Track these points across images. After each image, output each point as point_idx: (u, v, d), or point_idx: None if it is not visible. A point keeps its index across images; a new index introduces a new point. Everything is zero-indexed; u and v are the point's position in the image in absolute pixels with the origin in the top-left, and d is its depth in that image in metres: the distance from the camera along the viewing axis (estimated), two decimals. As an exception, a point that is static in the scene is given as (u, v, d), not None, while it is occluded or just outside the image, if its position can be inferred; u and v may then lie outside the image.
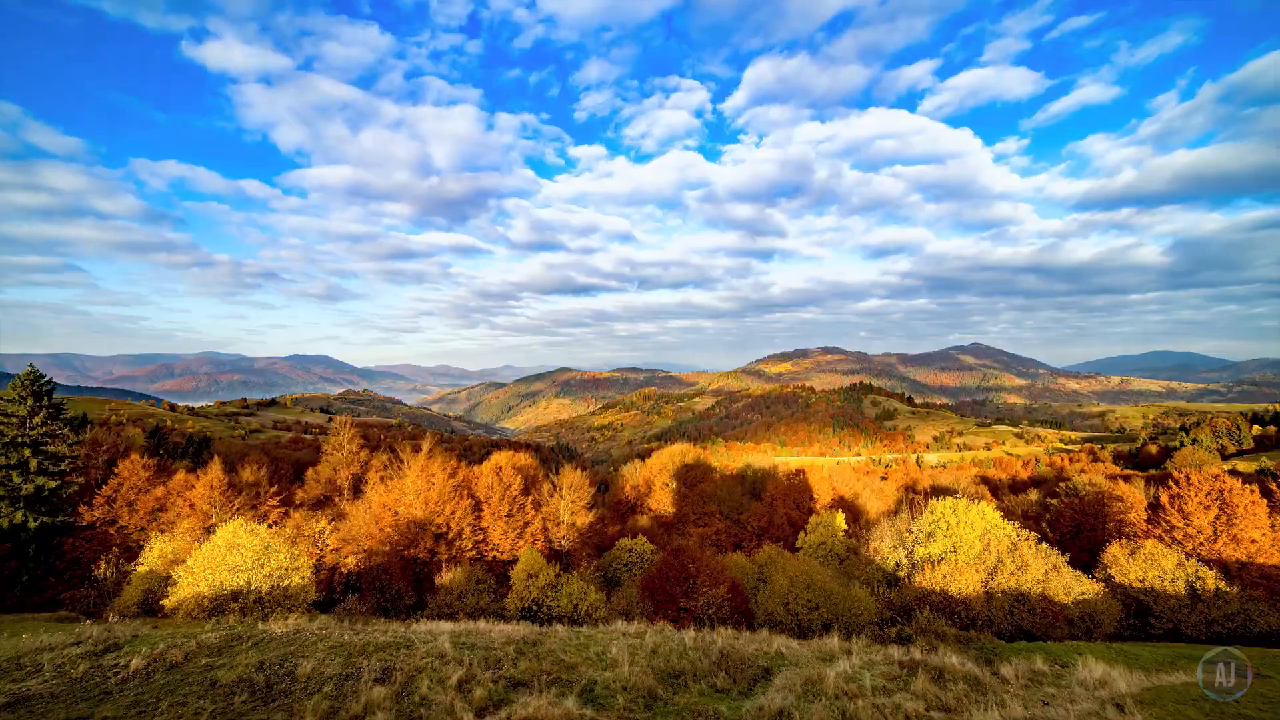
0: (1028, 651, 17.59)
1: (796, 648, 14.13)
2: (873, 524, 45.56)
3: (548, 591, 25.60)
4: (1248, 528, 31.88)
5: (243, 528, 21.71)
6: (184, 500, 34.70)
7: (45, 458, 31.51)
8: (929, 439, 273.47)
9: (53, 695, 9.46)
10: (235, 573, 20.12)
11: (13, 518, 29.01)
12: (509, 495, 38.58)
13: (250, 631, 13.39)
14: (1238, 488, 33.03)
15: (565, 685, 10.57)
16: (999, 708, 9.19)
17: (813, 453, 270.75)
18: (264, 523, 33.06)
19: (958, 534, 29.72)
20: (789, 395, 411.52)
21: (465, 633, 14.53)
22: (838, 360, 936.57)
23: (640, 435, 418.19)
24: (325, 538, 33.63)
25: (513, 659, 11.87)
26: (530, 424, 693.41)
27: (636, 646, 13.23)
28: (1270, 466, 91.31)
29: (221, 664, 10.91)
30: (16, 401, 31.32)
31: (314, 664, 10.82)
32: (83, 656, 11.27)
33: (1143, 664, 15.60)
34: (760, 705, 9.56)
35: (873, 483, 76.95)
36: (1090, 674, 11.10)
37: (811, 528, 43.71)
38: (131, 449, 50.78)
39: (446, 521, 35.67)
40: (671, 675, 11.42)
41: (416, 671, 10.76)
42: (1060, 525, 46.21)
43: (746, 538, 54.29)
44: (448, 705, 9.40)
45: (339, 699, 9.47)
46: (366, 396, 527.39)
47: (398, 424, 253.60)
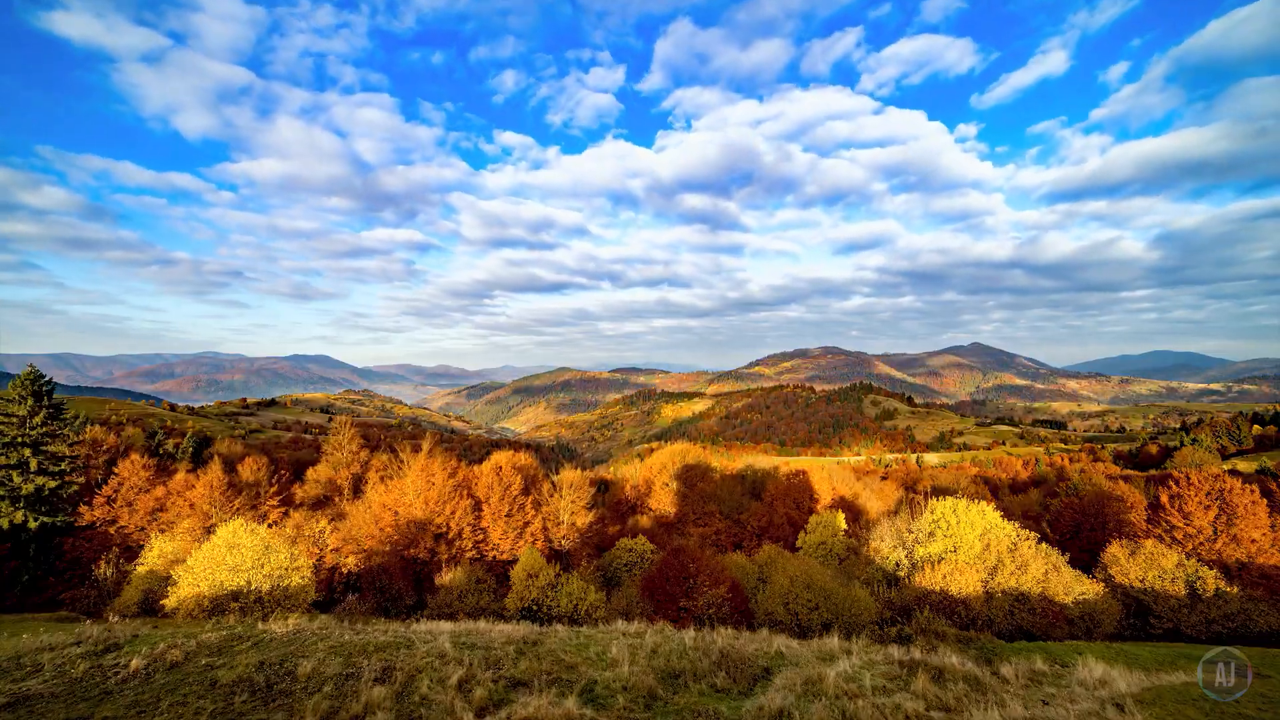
0: (1028, 651, 17.59)
1: (796, 647, 14.13)
2: (873, 524, 45.54)
3: (548, 591, 25.60)
4: (1248, 528, 31.87)
5: (243, 527, 21.70)
6: (184, 500, 34.71)
7: (45, 458, 31.52)
8: (929, 439, 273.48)
9: (53, 695, 9.47)
10: (235, 572, 20.12)
11: (13, 517, 29.02)
12: (509, 495, 38.56)
13: (250, 631, 13.40)
14: (1238, 488, 33.02)
15: (565, 685, 10.57)
16: (999, 707, 9.19)
17: (813, 452, 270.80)
18: (264, 523, 33.08)
19: (958, 534, 29.71)
20: (789, 395, 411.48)
21: (465, 632, 14.53)
22: (838, 360, 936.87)
23: (640, 435, 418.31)
24: (325, 538, 33.61)
25: (513, 659, 11.87)
26: (530, 424, 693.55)
27: (636, 646, 13.23)
28: (1270, 466, 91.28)
29: (221, 664, 10.91)
30: (17, 401, 31.33)
31: (314, 664, 10.83)
32: (83, 656, 11.27)
33: (1143, 664, 15.60)
34: (760, 705, 9.56)
35: (873, 482, 76.94)
36: (1090, 674, 11.10)
37: (811, 527, 43.68)
38: (131, 449, 50.81)
39: (446, 521, 35.65)
40: (671, 675, 11.42)
41: (416, 671, 10.76)
42: (1060, 525, 46.17)
43: (746, 538, 54.27)
44: (448, 705, 9.40)
45: (339, 699, 9.47)
46: (366, 397, 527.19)
47: (397, 424, 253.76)
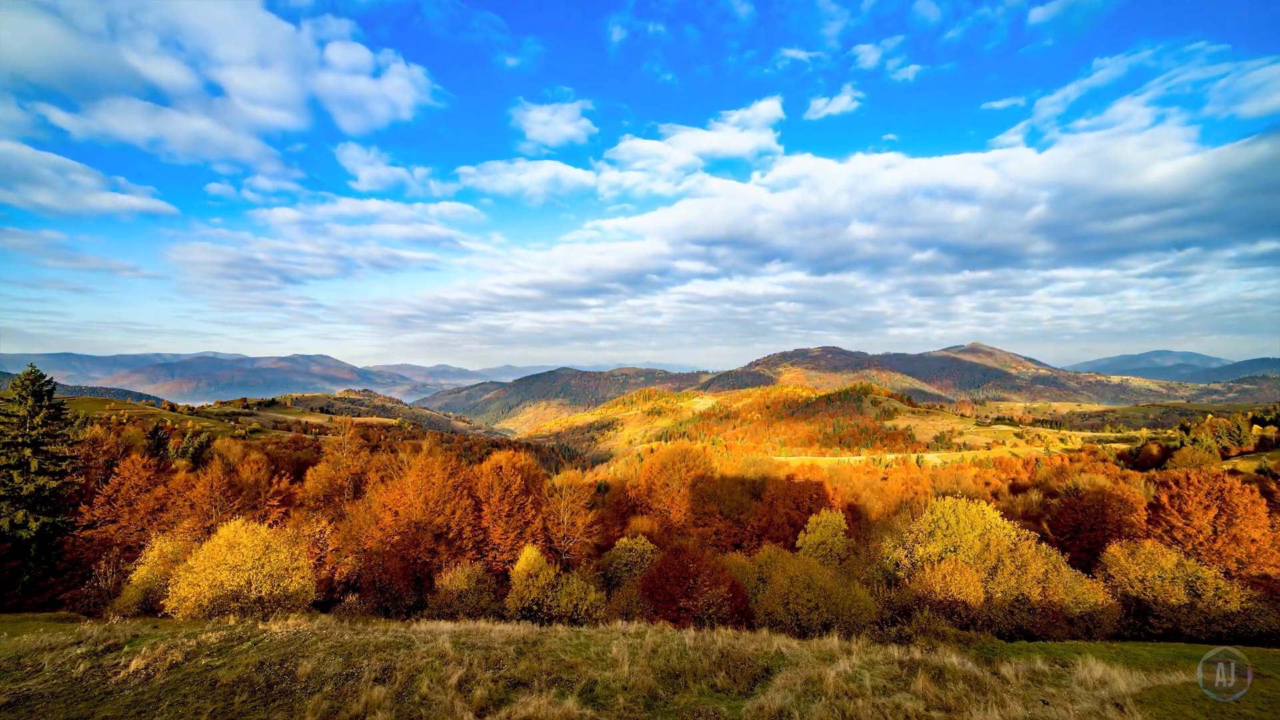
0: (1028, 651, 17.57)
1: (796, 647, 14.14)
2: (873, 524, 45.57)
3: (548, 591, 25.62)
4: (1248, 528, 31.86)
5: (243, 527, 21.70)
6: (184, 500, 34.71)
7: (46, 457, 31.52)
8: (930, 439, 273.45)
9: (53, 695, 9.47)
10: (236, 572, 20.13)
11: (13, 518, 29.01)
12: (509, 495, 38.57)
13: (250, 631, 13.40)
14: (1237, 487, 33.00)
15: (565, 685, 10.58)
16: (999, 707, 9.20)
17: (813, 452, 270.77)
18: (264, 523, 33.06)
19: (958, 533, 29.71)
20: (789, 395, 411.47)
21: (465, 632, 14.54)
22: (838, 360, 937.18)
23: (640, 435, 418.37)
24: (326, 538, 33.62)
25: (513, 659, 11.87)
26: (530, 424, 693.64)
27: (636, 646, 13.24)
28: (1270, 466, 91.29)
29: (221, 664, 10.92)
30: (17, 401, 31.33)
31: (314, 664, 10.83)
32: (83, 656, 11.28)
33: (1143, 664, 15.59)
34: (760, 705, 9.57)
35: (873, 482, 77.00)
36: (1090, 673, 11.10)
37: (811, 527, 43.69)
38: (132, 449, 50.83)
39: (447, 521, 35.67)
40: (671, 675, 11.42)
41: (416, 671, 10.76)
42: (1060, 525, 46.19)
43: (746, 537, 54.28)
44: (448, 705, 9.41)
45: (339, 699, 9.48)
46: (366, 396, 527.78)
47: (398, 424, 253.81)
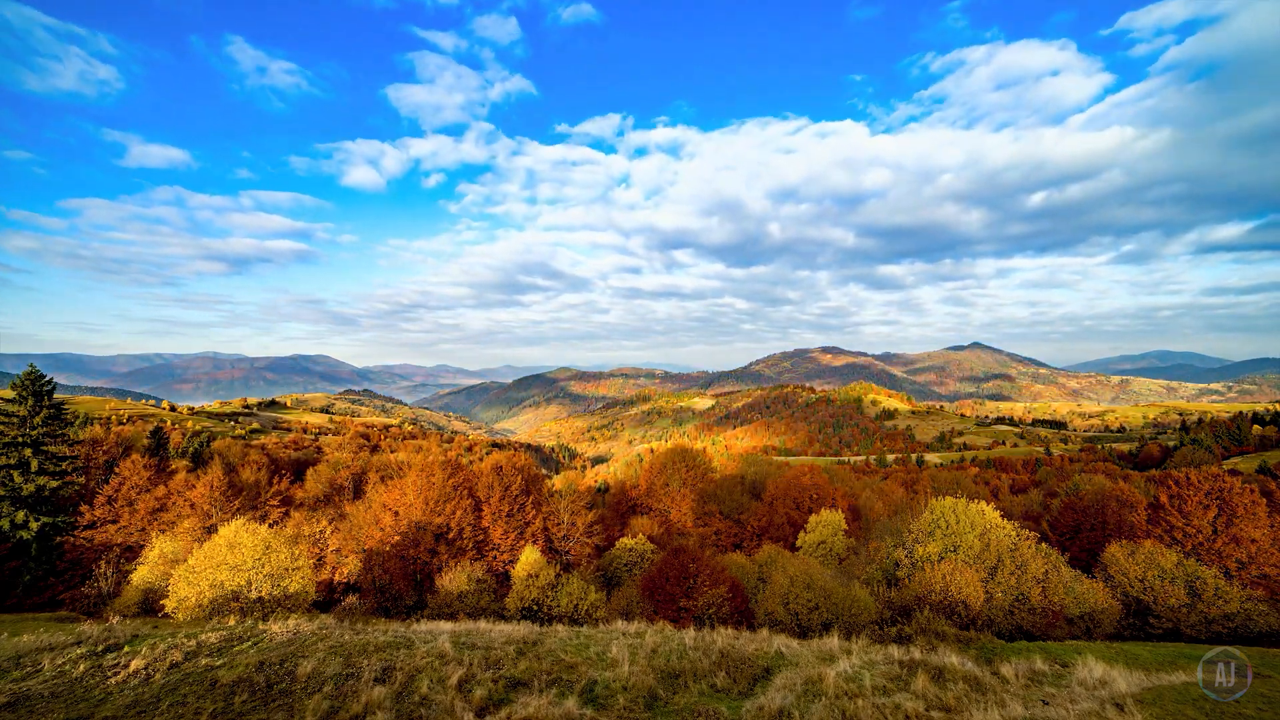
0: (1028, 651, 17.57)
1: (796, 647, 14.14)
2: (873, 523, 45.59)
3: (548, 591, 25.62)
4: (1247, 527, 31.84)
5: (243, 527, 21.70)
6: (184, 500, 34.72)
7: (46, 457, 31.52)
8: (929, 439, 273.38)
9: (53, 695, 9.48)
10: (236, 572, 20.13)
11: (14, 518, 29.02)
12: (509, 495, 38.57)
13: (250, 631, 13.41)
14: (1237, 487, 32.98)
15: (565, 685, 10.58)
16: (999, 707, 9.20)
17: (813, 452, 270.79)
18: (265, 523, 33.08)
19: (958, 533, 29.70)
20: (789, 395, 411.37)
21: (465, 633, 14.55)
22: (838, 360, 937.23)
23: (640, 435, 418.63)
24: (326, 538, 33.66)
25: (513, 659, 11.88)
26: (531, 424, 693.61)
27: (636, 646, 13.24)
28: (1271, 466, 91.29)
29: (221, 664, 10.92)
30: (17, 401, 31.34)
31: (314, 664, 10.83)
32: (83, 656, 11.29)
33: (1143, 663, 15.59)
34: (760, 705, 9.57)
35: (873, 482, 77.04)
36: (1090, 673, 11.10)
37: (811, 527, 43.66)
38: (132, 449, 50.80)
39: (447, 521, 35.67)
40: (671, 675, 11.42)
41: (416, 671, 10.77)
42: (1060, 525, 46.17)
43: (746, 537, 54.28)
44: (448, 705, 9.41)
45: (339, 699, 9.48)
46: (366, 397, 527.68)
47: (398, 424, 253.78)
